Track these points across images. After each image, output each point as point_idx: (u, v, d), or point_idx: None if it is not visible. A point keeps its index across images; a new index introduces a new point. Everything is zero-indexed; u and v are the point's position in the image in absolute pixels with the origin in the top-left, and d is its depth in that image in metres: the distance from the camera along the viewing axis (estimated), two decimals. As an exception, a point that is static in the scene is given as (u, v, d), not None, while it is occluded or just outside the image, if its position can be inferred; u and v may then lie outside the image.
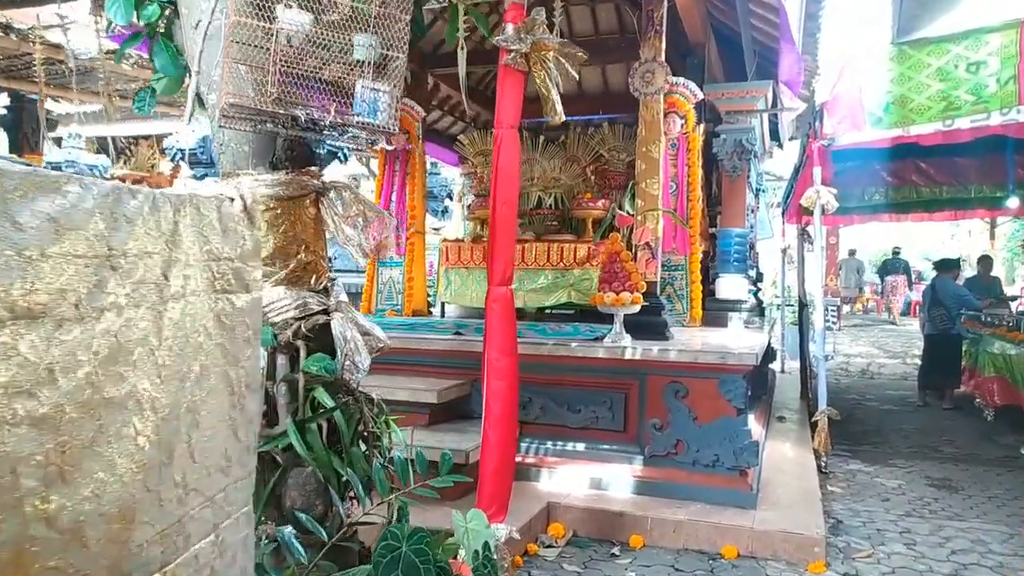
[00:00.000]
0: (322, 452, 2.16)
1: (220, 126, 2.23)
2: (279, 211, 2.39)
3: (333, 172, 13.14)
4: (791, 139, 10.92)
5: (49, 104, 10.22)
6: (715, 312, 7.05)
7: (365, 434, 2.44)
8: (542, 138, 8.61)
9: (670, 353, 4.32)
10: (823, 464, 5.58)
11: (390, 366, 5.04)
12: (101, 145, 13.99)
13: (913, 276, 19.64)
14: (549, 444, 4.66)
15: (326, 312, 2.43)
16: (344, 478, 2.22)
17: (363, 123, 2.14)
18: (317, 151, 8.95)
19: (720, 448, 4.26)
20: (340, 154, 10.30)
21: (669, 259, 7.09)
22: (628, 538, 3.99)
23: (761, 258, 14.99)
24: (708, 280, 7.30)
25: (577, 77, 3.35)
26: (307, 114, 2.05)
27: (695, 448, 4.31)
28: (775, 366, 11.08)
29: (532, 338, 4.95)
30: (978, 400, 8.24)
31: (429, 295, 8.56)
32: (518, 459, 4.64)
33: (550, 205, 7.91)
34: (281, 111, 2.02)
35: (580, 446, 4.61)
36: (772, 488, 4.53)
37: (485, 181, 8.37)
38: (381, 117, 2.15)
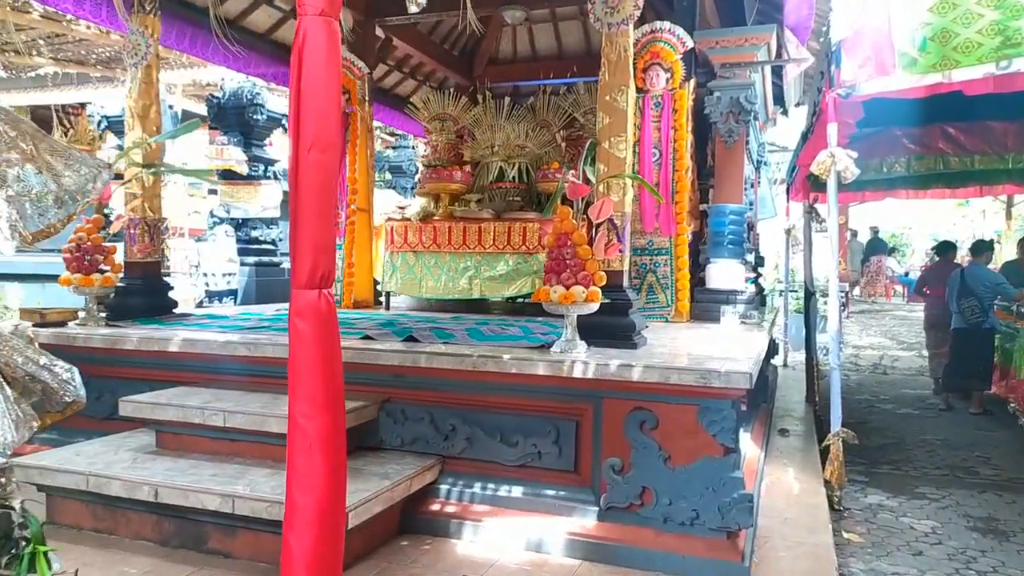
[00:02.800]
0: None
1: None
2: None
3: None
4: (797, 104, 9.69)
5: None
6: (705, 304, 5.91)
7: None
8: (507, 100, 7.43)
9: (633, 370, 3.17)
10: (836, 499, 4.45)
11: (277, 381, 3.89)
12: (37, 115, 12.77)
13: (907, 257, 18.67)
14: (477, 487, 3.52)
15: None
16: None
17: None
18: (253, 117, 7.70)
19: (701, 501, 3.11)
20: (286, 121, 9.10)
21: (651, 242, 5.95)
22: (570, 632, 2.86)
23: (762, 241, 13.84)
24: (698, 266, 6.15)
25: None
26: None
27: (666, 500, 3.17)
28: (777, 360, 9.96)
29: (461, 345, 3.81)
30: (1012, 405, 7.10)
31: (379, 284, 7.38)
32: (435, 507, 3.51)
33: (513, 178, 6.74)
34: None
35: (516, 490, 3.47)
36: (771, 548, 3.40)
37: (440, 149, 7.20)
38: None
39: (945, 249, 8.57)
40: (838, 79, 4.38)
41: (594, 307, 3.56)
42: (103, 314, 4.77)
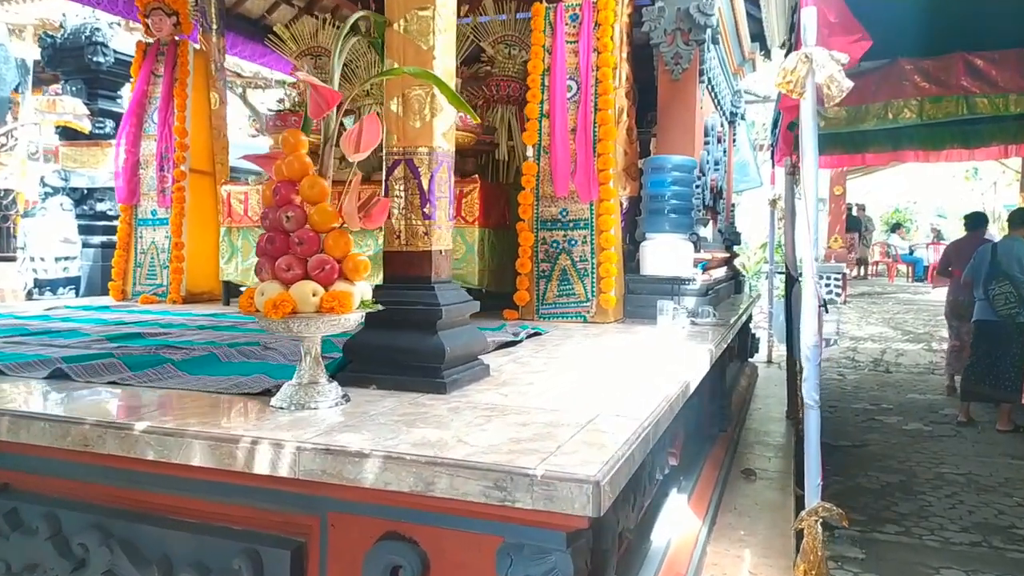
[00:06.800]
0: None
1: None
2: None
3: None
4: (782, 46, 7.95)
5: None
6: (642, 297, 4.27)
7: None
8: (397, 28, 5.68)
9: (363, 464, 1.49)
10: (813, 613, 2.80)
11: None
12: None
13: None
14: (122, 664, 1.86)
15: None
16: None
17: None
18: (95, 60, 5.83)
19: None
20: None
21: (565, 211, 4.29)
22: None
23: (746, 216, 12.16)
24: (636, 245, 4.49)
25: None
26: None
27: None
28: (759, 356, 8.32)
29: (153, 384, 2.16)
30: (1055, 422, 5.49)
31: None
32: None
33: (391, 127, 5.01)
34: None
35: (189, 677, 1.81)
36: None
37: (305, 92, 5.48)
38: None
39: (976, 223, 6.90)
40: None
41: (352, 320, 1.89)
42: None
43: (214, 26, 5.51)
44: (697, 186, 4.45)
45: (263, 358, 2.53)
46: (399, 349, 2.12)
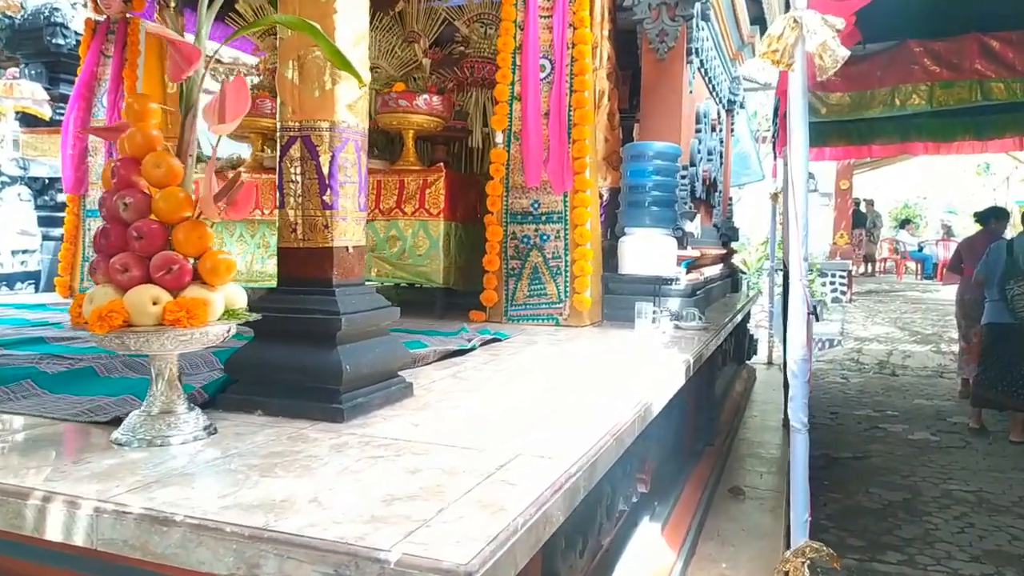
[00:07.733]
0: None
1: None
2: None
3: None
4: (784, 30, 7.53)
5: None
6: (622, 298, 3.89)
7: None
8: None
9: (171, 538, 1.12)
10: (800, 669, 2.42)
11: None
12: None
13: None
14: None
15: None
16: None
17: None
18: (54, 42, 5.47)
19: None
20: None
21: (537, 203, 3.91)
22: None
23: (747, 211, 11.76)
24: (616, 238, 4.10)
25: None
26: None
27: None
28: (760, 357, 7.93)
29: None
30: (1072, 434, 5.08)
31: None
32: None
33: (354, 111, 4.64)
34: None
35: None
36: None
37: (269, 74, 5.12)
38: None
39: (995, 216, 6.47)
40: None
41: (212, 334, 1.51)
42: None
43: (172, 4, 5.14)
44: (683, 176, 4.06)
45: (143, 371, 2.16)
46: (288, 367, 1.74)
